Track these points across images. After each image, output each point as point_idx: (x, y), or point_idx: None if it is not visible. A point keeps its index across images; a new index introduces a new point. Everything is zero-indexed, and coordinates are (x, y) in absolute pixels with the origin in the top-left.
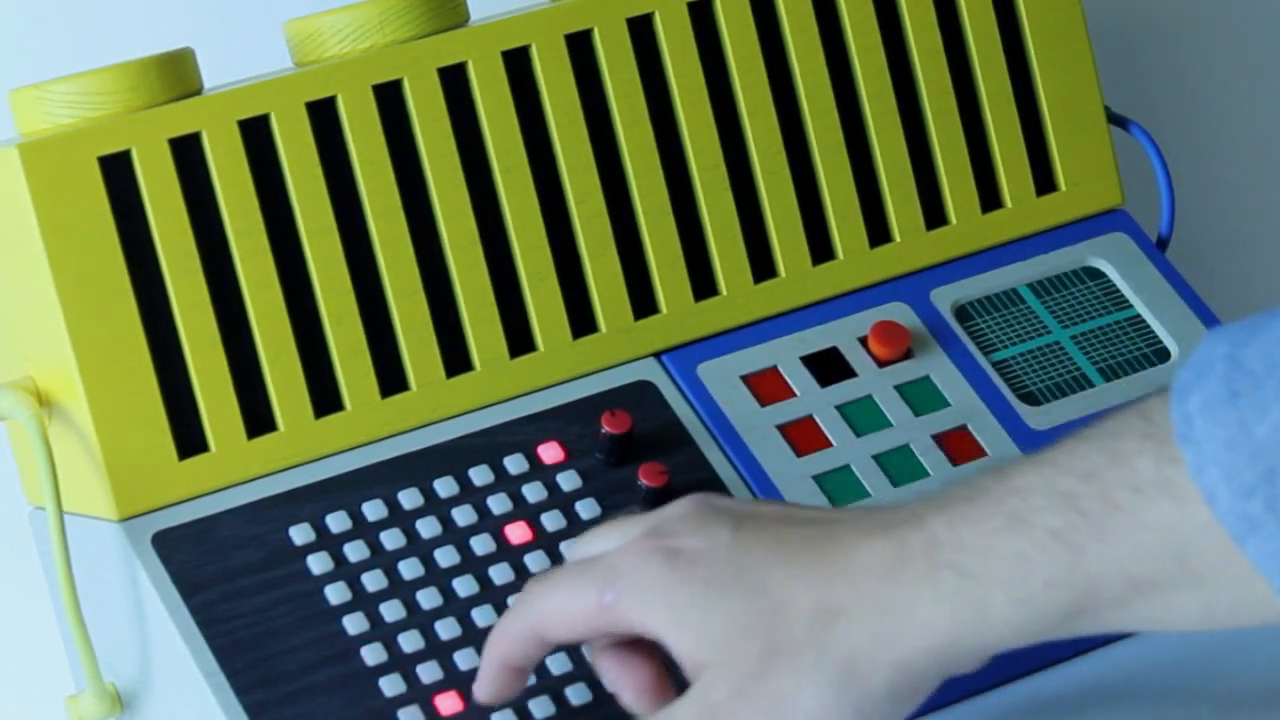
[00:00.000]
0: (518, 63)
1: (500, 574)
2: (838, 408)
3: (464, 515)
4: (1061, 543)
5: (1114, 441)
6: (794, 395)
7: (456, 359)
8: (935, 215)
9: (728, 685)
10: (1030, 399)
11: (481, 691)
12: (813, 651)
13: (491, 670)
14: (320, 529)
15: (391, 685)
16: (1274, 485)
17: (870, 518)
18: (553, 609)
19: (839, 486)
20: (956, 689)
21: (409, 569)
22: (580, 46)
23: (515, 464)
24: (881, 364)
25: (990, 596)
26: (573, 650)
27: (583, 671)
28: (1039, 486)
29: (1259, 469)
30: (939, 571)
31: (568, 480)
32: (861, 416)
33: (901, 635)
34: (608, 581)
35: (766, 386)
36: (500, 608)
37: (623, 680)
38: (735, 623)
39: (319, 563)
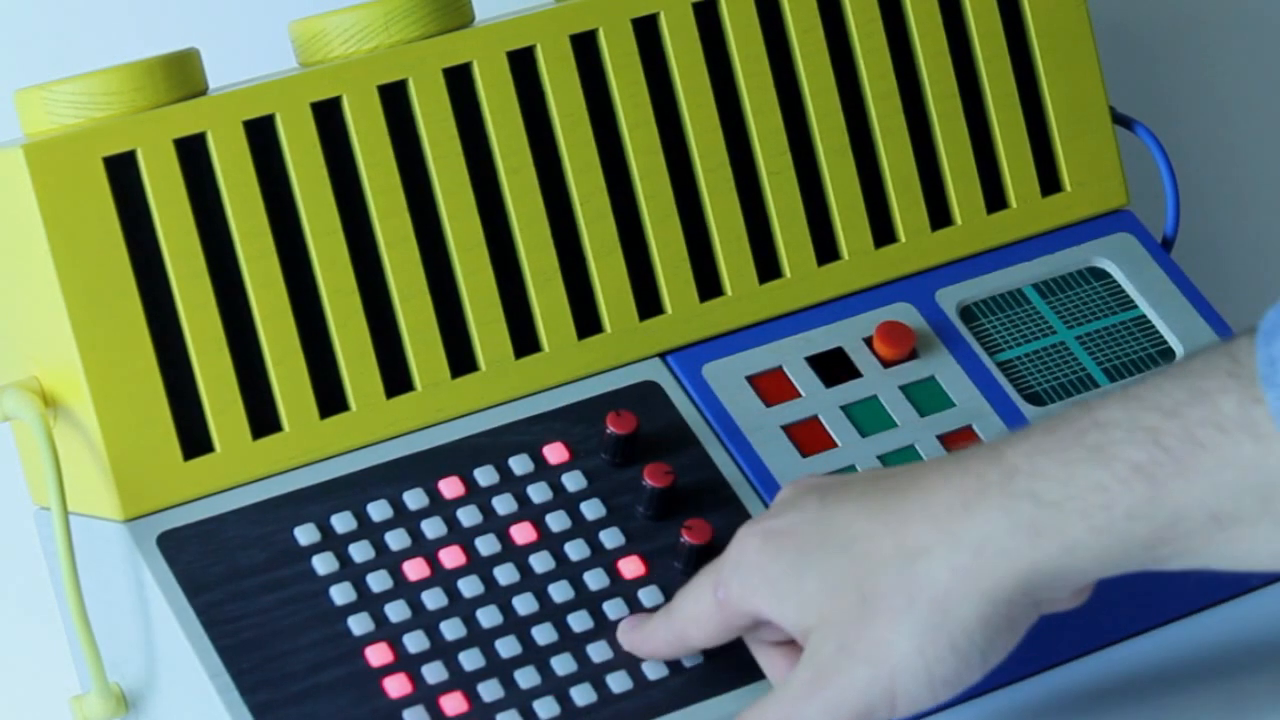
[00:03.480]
0: (523, 63)
1: (505, 574)
2: (843, 408)
3: (469, 516)
4: (1143, 476)
5: (1199, 380)
6: (799, 395)
7: (461, 359)
8: (940, 216)
9: (831, 643)
10: (1035, 399)
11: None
12: (903, 595)
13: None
14: (325, 529)
15: (396, 685)
16: None
17: (952, 458)
18: (686, 617)
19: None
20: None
21: (414, 569)
22: (585, 47)
23: (520, 464)
24: (886, 364)
25: (1069, 525)
26: (577, 649)
27: (587, 671)
28: (1122, 420)
29: None
30: (1016, 501)
31: (573, 481)
32: (866, 417)
33: (983, 566)
34: (718, 579)
35: (771, 387)
36: (505, 608)
37: (776, 672)
38: (827, 581)
39: (324, 563)
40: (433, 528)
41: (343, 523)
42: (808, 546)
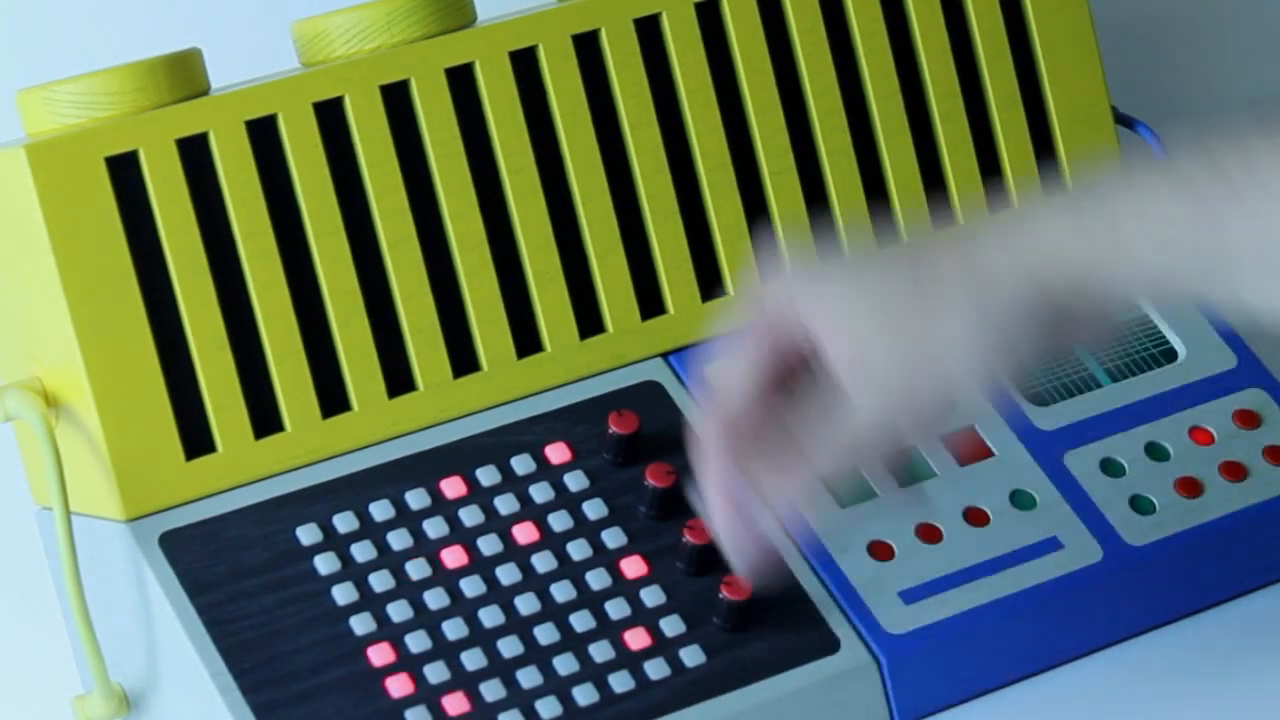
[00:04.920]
0: (525, 63)
1: (507, 574)
2: None
3: (471, 515)
4: (1201, 200)
5: (1275, 134)
6: None
7: (464, 359)
8: (942, 215)
9: (891, 316)
10: (1038, 399)
11: (738, 559)
12: (955, 275)
13: (721, 521)
14: (327, 529)
15: (398, 685)
16: None
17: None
18: (724, 371)
19: (846, 487)
20: (961, 689)
21: (416, 569)
22: (587, 47)
23: (522, 464)
24: None
25: (1128, 233)
26: (579, 649)
27: (589, 671)
28: (1194, 154)
29: None
30: (1079, 206)
31: (575, 480)
32: None
33: (1039, 256)
34: (751, 307)
35: None
36: (507, 608)
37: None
38: (884, 277)
39: (326, 563)
40: (435, 528)
41: (345, 523)
42: (857, 259)
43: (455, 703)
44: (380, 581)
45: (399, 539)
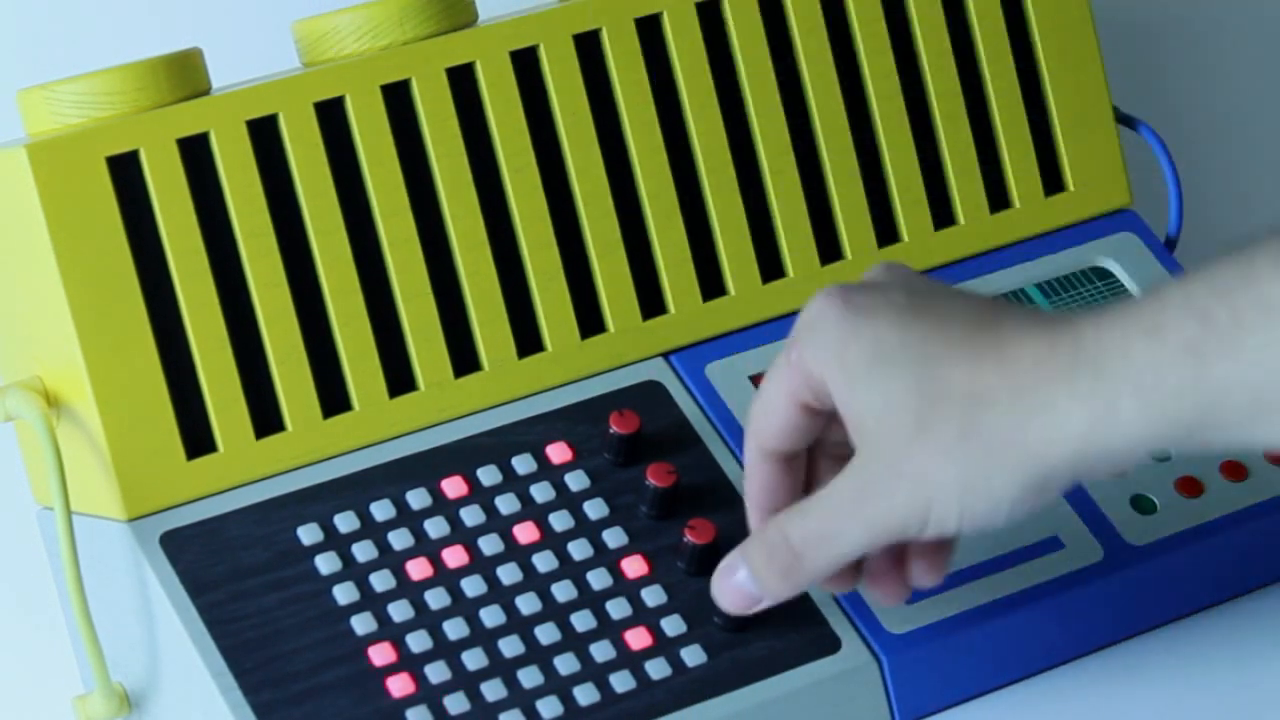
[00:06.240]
0: (526, 63)
1: (508, 574)
2: None
3: (472, 515)
4: (1192, 353)
5: (1249, 265)
6: None
7: (465, 359)
8: (943, 215)
9: (880, 462)
10: None
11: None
12: (956, 430)
13: (758, 519)
14: (328, 529)
15: (399, 685)
16: None
17: (1033, 313)
18: (759, 404)
19: None
20: (961, 689)
21: (417, 569)
22: (588, 46)
23: (523, 464)
24: None
25: (1121, 397)
26: (580, 649)
27: (590, 671)
28: (1179, 299)
29: None
30: (1078, 369)
31: (576, 480)
32: None
33: (1041, 426)
34: (794, 339)
35: None
36: (508, 608)
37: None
38: (895, 398)
39: (327, 563)
40: (436, 527)
41: (346, 522)
42: (885, 348)
43: (456, 702)
44: (381, 581)
45: (400, 539)
